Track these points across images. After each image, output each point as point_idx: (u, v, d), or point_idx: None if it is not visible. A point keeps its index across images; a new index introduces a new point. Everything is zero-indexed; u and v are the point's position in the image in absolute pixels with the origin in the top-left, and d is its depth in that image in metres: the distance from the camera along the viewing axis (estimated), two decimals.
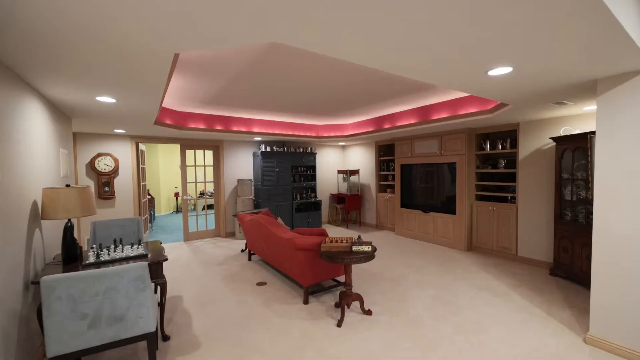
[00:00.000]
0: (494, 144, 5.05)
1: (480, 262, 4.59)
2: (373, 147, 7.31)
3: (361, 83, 3.56)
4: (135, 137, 5.52)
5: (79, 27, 1.42)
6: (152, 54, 1.75)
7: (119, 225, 3.64)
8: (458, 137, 5.23)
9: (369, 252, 2.74)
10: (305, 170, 7.30)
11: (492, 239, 4.97)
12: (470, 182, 5.20)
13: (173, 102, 4.43)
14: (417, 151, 6.01)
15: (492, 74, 2.21)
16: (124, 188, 5.44)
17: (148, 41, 1.58)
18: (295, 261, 3.19)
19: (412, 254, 5.03)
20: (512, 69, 2.10)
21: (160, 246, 2.98)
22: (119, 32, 1.48)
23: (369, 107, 4.97)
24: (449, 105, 4.59)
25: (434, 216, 5.73)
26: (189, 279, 4.03)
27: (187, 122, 5.23)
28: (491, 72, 2.16)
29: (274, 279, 3.97)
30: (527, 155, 4.46)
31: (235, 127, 5.75)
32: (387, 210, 6.99)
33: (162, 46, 1.65)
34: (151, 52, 1.72)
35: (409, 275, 4.05)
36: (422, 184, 6.06)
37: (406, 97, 4.37)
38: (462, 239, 5.23)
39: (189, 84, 3.50)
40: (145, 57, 1.80)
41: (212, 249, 5.59)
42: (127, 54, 1.75)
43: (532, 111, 3.69)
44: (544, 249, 4.31)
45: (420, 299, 3.29)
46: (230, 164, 6.65)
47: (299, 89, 3.79)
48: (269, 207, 6.52)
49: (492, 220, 4.95)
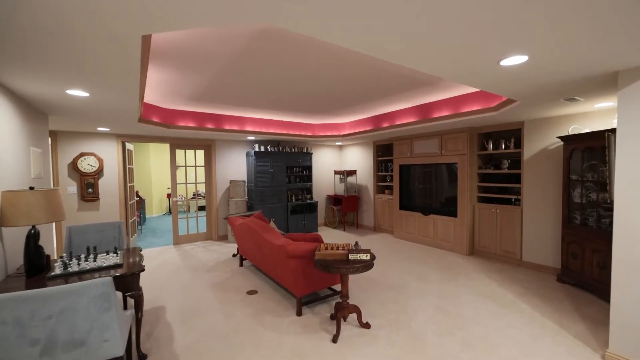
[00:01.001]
0: (497, 143, 4.84)
1: (484, 267, 4.38)
2: (371, 147, 7.09)
3: (359, 78, 3.33)
4: (121, 136, 5.24)
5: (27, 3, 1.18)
6: (114, 36, 1.50)
7: (97, 230, 3.38)
8: (459, 136, 5.02)
9: (367, 260, 2.51)
10: (300, 170, 7.05)
11: (495, 242, 4.76)
12: (472, 183, 4.99)
13: (159, 98, 4.17)
14: (416, 151, 5.79)
15: (505, 64, 1.98)
16: (109, 189, 5.17)
17: (109, 21, 1.34)
18: (288, 269, 2.95)
19: (412, 259, 4.80)
20: (527, 58, 1.87)
21: (139, 254, 2.73)
22: (73, 8, 1.23)
23: (366, 104, 4.74)
24: (451, 103, 4.37)
25: (434, 218, 5.51)
26: (175, 287, 3.78)
27: (175, 120, 4.98)
28: (504, 62, 1.93)
29: (265, 287, 3.73)
30: (532, 156, 4.25)
31: (227, 125, 5.50)
32: (385, 212, 6.77)
33: (126, 26, 1.40)
34: (113, 33, 1.47)
35: (409, 282, 3.82)
36: (421, 185, 5.84)
37: (406, 94, 4.15)
38: (464, 242, 5.02)
39: (173, 78, 3.25)
40: (107, 39, 1.55)
41: (202, 253, 5.33)
42: (86, 36, 1.50)
43: (539, 108, 3.48)
44: (550, 254, 4.10)
45: (422, 310, 3.06)
46: (222, 164, 6.39)
47: (293, 84, 3.55)
48: (263, 209, 6.27)
49: (495, 223, 4.74)
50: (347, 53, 2.60)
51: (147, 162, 9.68)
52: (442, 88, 3.86)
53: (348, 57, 2.68)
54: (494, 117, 4.08)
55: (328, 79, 3.36)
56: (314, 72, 3.10)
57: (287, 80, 3.36)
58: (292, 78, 3.29)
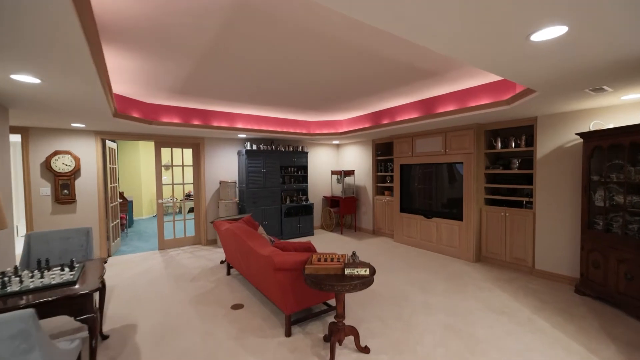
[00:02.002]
0: (507, 141, 4.48)
1: (493, 276, 4.01)
2: (370, 146, 6.72)
3: (357, 68, 2.96)
4: (100, 133, 4.85)
5: None
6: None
7: (62, 237, 3.00)
8: (465, 133, 4.65)
9: (366, 276, 2.14)
10: (295, 170, 6.68)
11: (504, 249, 4.39)
12: (479, 184, 4.63)
13: (138, 91, 3.79)
14: (418, 150, 5.43)
15: (536, 39, 1.61)
16: (87, 190, 4.78)
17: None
18: (275, 283, 2.57)
19: (414, 266, 4.44)
20: (567, 30, 1.50)
21: (101, 267, 2.35)
22: None
23: (365, 99, 4.37)
24: (457, 97, 4.01)
25: (438, 222, 5.14)
26: (152, 299, 3.39)
27: (158, 116, 4.59)
28: (535, 36, 1.57)
29: (253, 300, 3.35)
30: (546, 154, 3.89)
31: (215, 122, 5.12)
32: (385, 215, 6.40)
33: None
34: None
35: (413, 294, 3.45)
36: (423, 186, 5.47)
37: (408, 87, 3.78)
38: (470, 248, 4.65)
39: (148, 67, 2.87)
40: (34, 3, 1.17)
41: (188, 259, 4.94)
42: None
43: (557, 101, 3.12)
44: (567, 262, 3.75)
45: (428, 329, 2.69)
46: (212, 163, 6.01)
47: (283, 74, 3.17)
48: (255, 212, 5.88)
49: (505, 227, 4.37)
50: (341, 34, 2.23)
51: (136, 161, 9.27)
52: (448, 80, 3.49)
53: (342, 40, 2.31)
54: (505, 112, 3.71)
55: (321, 68, 2.99)
56: (305, 59, 2.73)
57: (276, 69, 2.98)
58: (281, 67, 2.92)
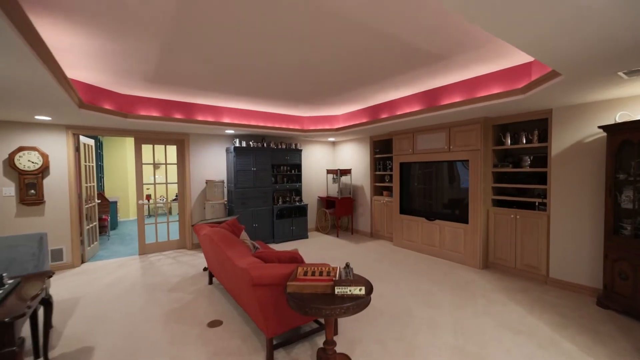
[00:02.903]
0: (517, 137, 4.09)
1: (503, 286, 3.62)
2: (367, 143, 6.32)
3: (353, 53, 2.56)
4: (72, 128, 4.43)
5: None
6: None
7: (9, 245, 2.58)
8: (471, 129, 4.26)
9: (361, 297, 1.74)
10: (288, 169, 6.27)
11: (514, 254, 4.01)
12: (486, 183, 4.24)
13: (110, 80, 3.38)
14: (419, 147, 5.03)
15: None
16: (58, 190, 4.35)
17: None
18: (254, 301, 2.17)
19: (416, 274, 4.04)
20: None
21: (41, 284, 1.94)
22: None
23: (362, 89, 3.97)
24: (464, 87, 3.62)
25: (441, 225, 4.75)
26: (119, 315, 2.98)
27: (135, 109, 4.18)
28: None
29: (233, 315, 2.94)
30: (562, 150, 3.50)
31: (200, 116, 4.71)
32: (383, 217, 6.00)
33: None
34: None
35: (415, 308, 3.05)
36: (425, 185, 5.08)
37: (409, 76, 3.38)
38: (477, 253, 4.26)
39: (110, 46, 2.45)
40: None
41: (169, 266, 4.52)
42: None
43: (581, 88, 2.73)
44: (586, 270, 3.36)
45: (435, 353, 2.29)
46: (198, 161, 5.59)
47: (268, 61, 2.77)
48: (242, 214, 5.46)
49: (515, 231, 3.99)
50: (334, 5, 1.82)
51: (122, 159, 8.85)
52: (454, 66, 3.09)
53: (339, 23, 1.91)
54: (518, 103, 3.32)
55: (312, 49, 2.58)
56: (292, 36, 2.32)
57: (258, 53, 2.58)
58: (264, 50, 2.51)
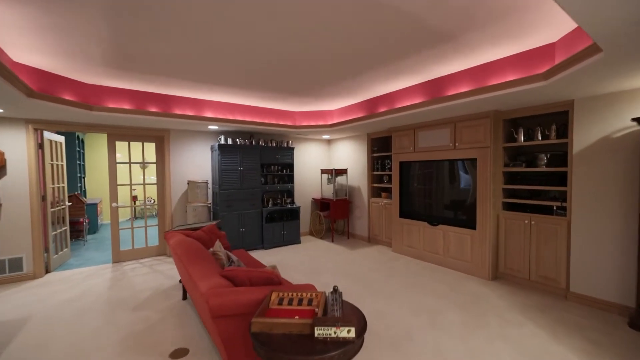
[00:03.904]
0: (531, 132, 3.65)
1: (518, 302, 3.17)
2: (365, 141, 5.87)
3: (347, 35, 2.11)
4: (33, 122, 3.95)
5: None
6: None
7: None
8: (480, 123, 3.82)
9: (349, 341, 1.28)
10: (280, 169, 5.81)
11: (528, 264, 3.56)
12: (496, 185, 3.80)
13: (69, 66, 2.91)
14: (421, 144, 4.59)
15: None
16: (15, 192, 3.87)
17: None
18: (217, 334, 1.71)
19: (418, 286, 3.59)
20: None
21: None
22: None
23: (359, 79, 3.51)
24: (473, 75, 3.18)
25: (445, 230, 4.30)
26: (64, 344, 2.49)
27: (102, 100, 3.71)
28: None
29: (203, 341, 2.47)
30: (586, 147, 3.06)
31: (178, 110, 4.25)
32: (382, 220, 5.55)
33: None
34: None
35: (418, 331, 2.60)
36: (428, 187, 4.63)
37: (411, 61, 2.93)
38: (486, 263, 3.82)
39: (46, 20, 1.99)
40: None
41: (143, 276, 4.05)
42: None
43: (620, 70, 2.29)
44: (615, 285, 2.92)
45: None
46: (179, 160, 5.12)
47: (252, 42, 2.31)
48: (226, 218, 4.98)
49: (529, 238, 3.54)
50: None
51: (105, 158, 8.36)
52: (463, 49, 2.65)
53: None
54: (536, 93, 2.88)
55: (305, 43, 2.13)
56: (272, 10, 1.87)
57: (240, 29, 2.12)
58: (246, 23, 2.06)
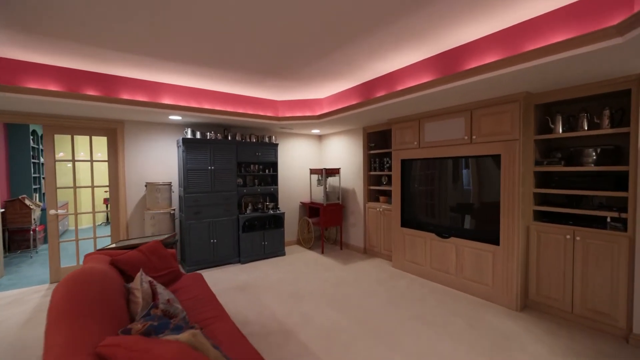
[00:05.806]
0: (573, 121, 2.83)
1: (561, 344, 2.34)
2: (360, 136, 5.03)
3: None
4: None
5: None
6: None
7: None
8: (504, 110, 2.99)
9: None
10: (261, 169, 4.97)
11: (570, 293, 2.73)
12: (526, 188, 2.97)
13: None
14: (428, 138, 3.75)
15: None
16: None
17: None
18: None
19: (426, 320, 2.75)
20: None
21: None
22: None
23: (349, 52, 2.65)
24: (502, 40, 2.35)
25: (459, 245, 3.47)
26: None
27: (18, 79, 2.86)
28: None
29: None
30: None
31: (126, 94, 3.41)
32: (380, 229, 4.71)
33: None
34: None
35: None
36: (436, 190, 3.80)
37: (417, 21, 2.08)
38: (512, 288, 2.99)
39: None
40: None
41: None
42: None
43: None
44: None
45: None
46: (137, 158, 4.27)
47: None
48: (197, 227, 4.11)
49: (572, 259, 2.72)
50: None
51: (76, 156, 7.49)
52: (489, 5, 1.82)
53: None
54: (601, 59, 2.04)
55: None
56: None
57: None
58: None
